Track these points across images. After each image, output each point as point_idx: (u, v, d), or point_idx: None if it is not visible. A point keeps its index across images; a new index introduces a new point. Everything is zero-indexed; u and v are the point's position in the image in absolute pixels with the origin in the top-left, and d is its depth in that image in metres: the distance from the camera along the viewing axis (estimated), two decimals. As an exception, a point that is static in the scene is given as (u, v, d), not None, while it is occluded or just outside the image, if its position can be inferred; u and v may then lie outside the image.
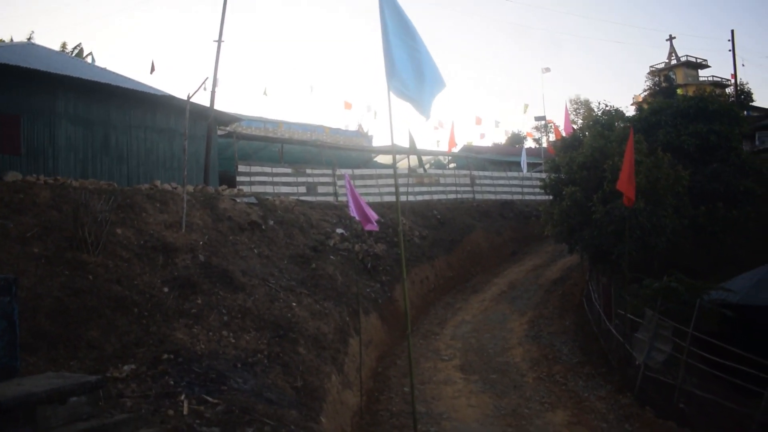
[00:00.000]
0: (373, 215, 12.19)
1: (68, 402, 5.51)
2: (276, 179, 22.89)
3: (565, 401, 12.88)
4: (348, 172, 24.44)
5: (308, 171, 24.13)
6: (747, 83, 67.34)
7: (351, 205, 12.12)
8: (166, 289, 11.17)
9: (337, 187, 24.22)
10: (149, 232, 13.06)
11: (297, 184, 23.42)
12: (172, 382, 8.06)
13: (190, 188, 16.59)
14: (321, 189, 24.00)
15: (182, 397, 7.65)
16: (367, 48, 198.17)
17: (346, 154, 29.60)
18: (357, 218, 12.32)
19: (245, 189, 20.59)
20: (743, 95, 54.39)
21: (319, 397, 10.10)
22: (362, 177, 25.79)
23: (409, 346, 7.48)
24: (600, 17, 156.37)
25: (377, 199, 24.66)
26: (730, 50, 43.41)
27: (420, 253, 22.01)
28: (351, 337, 13.62)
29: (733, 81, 47.19)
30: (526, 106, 45.21)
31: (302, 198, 22.07)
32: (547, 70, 49.18)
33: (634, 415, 12.13)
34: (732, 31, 43.97)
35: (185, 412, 7.27)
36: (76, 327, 9.00)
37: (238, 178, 21.67)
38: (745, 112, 43.45)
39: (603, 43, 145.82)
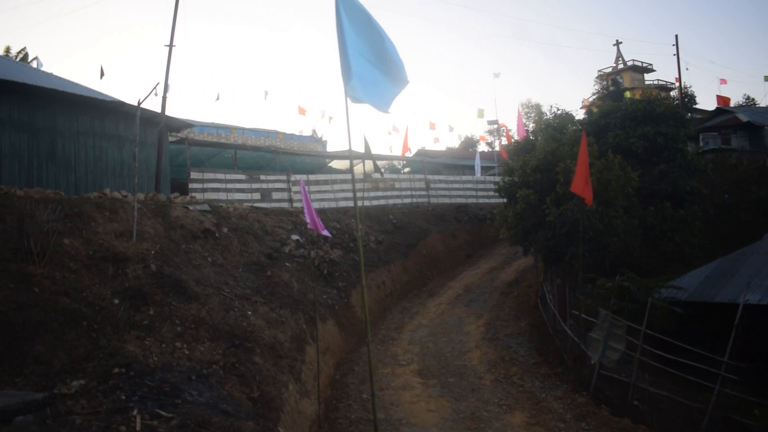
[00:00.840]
0: (321, 225, 12.18)
1: (14, 422, 5.29)
2: (229, 186, 22.60)
3: (523, 402, 13.00)
4: (303, 177, 24.31)
5: (262, 177, 23.90)
6: (691, 86, 69.45)
7: (306, 211, 12.03)
8: (116, 301, 10.87)
9: (291, 193, 24.04)
10: (98, 242, 12.70)
11: (251, 191, 23.17)
12: (123, 397, 7.83)
13: (141, 196, 16.23)
14: (275, 195, 23.79)
15: (135, 412, 7.43)
16: (322, 52, 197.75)
17: (300, 159, 29.45)
18: (309, 225, 12.23)
19: (198, 196, 20.27)
20: (687, 98, 56.07)
21: (276, 407, 9.96)
22: (317, 182, 25.66)
23: (369, 353, 7.43)
24: (551, 23, 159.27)
25: (333, 204, 24.60)
26: (674, 55, 44.52)
27: (376, 258, 21.99)
28: (308, 345, 13.50)
29: (677, 84, 48.44)
30: (481, 111, 45.69)
31: (256, 204, 21.83)
32: (498, 75, 49.81)
33: (590, 414, 12.32)
34: (676, 36, 45.18)
35: (138, 428, 7.07)
36: (21, 342, 8.68)
37: (191, 185, 21.33)
38: (690, 115, 44.63)
39: (554, 47, 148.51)
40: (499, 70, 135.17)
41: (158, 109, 19.48)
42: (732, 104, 48.62)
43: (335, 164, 32.87)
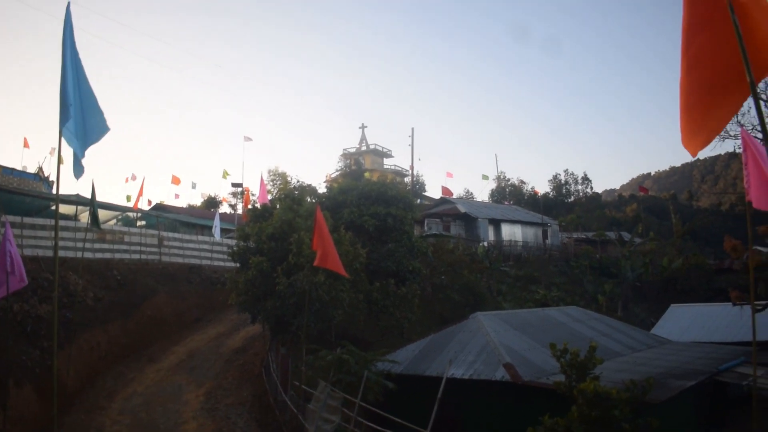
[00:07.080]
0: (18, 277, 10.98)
1: None
2: None
3: (235, 479, 12.59)
4: (17, 219, 21.72)
5: (-37, 215, 20.84)
6: (422, 175, 77.10)
7: (9, 258, 10.67)
8: None
9: None
10: None
11: (-54, 229, 20.01)
12: None
13: None
14: (-21, 237, 20.82)
15: None
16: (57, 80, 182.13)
17: (19, 198, 26.25)
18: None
19: None
20: (418, 185, 61.80)
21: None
22: (34, 227, 23.04)
23: (55, 424, 6.65)
24: (309, 96, 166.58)
25: (50, 253, 22.20)
26: (410, 145, 48.98)
27: (93, 317, 20.17)
28: (-5, 414, 11.75)
29: (410, 172, 53.19)
30: (226, 172, 45.34)
31: (-48, 246, 18.87)
32: (249, 138, 49.99)
33: (303, 488, 12.31)
34: (412, 129, 49.81)
35: None
36: None
37: None
38: (418, 201, 49.21)
39: (307, 122, 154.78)
40: (252, 134, 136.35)
41: None
42: (455, 196, 54.60)
43: (65, 209, 29.89)
